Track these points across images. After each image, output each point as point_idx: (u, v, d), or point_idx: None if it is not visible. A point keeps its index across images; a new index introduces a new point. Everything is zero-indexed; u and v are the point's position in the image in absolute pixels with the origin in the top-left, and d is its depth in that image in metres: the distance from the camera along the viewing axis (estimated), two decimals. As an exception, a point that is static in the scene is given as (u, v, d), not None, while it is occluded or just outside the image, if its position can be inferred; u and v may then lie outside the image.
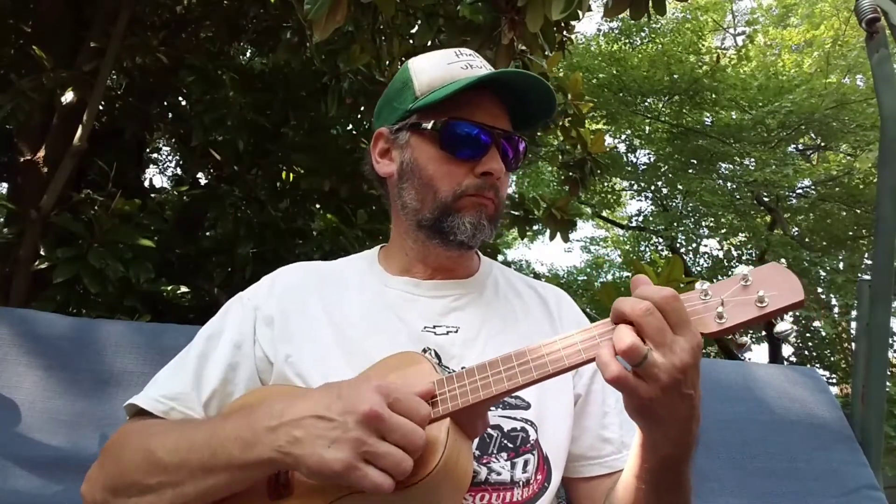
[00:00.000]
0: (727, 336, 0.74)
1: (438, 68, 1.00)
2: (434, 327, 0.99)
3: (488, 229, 1.00)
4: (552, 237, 4.05)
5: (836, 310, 11.04)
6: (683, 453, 0.78)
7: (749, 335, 0.74)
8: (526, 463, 0.91)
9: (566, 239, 4.06)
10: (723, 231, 12.10)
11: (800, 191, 11.34)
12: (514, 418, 0.94)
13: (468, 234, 0.98)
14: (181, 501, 0.80)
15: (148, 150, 5.48)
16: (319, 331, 0.98)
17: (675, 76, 11.32)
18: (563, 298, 1.15)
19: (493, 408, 0.92)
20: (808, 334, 13.11)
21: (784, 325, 0.71)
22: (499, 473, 0.89)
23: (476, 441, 0.89)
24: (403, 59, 3.14)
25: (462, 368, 0.80)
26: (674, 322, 0.69)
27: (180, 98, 4.37)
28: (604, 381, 0.71)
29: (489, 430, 0.90)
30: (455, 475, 0.77)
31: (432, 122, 0.98)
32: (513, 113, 1.03)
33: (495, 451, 0.91)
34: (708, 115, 11.79)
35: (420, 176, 1.00)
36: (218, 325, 1.02)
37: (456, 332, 0.99)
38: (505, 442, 0.92)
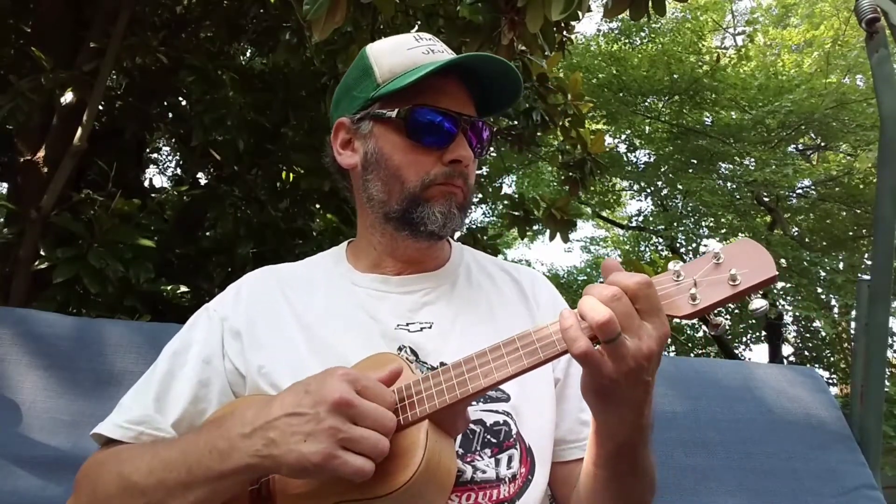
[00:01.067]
0: (703, 317, 0.73)
1: (399, 54, 0.97)
2: (407, 325, 0.97)
3: (458, 218, 0.97)
4: (552, 237, 4.05)
5: (835, 310, 11.04)
6: (638, 437, 0.78)
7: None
8: (510, 458, 0.90)
9: (566, 239, 4.06)
10: (723, 231, 12.09)
11: (800, 191, 11.34)
12: (497, 411, 0.92)
13: (438, 223, 0.95)
14: None
15: (148, 150, 5.47)
16: (290, 337, 0.96)
17: (675, 76, 11.32)
18: (538, 280, 1.13)
19: (474, 402, 0.91)
20: (807, 334, 13.13)
21: (759, 302, 0.70)
22: (484, 472, 0.88)
23: (459, 439, 0.88)
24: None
25: (440, 364, 0.79)
26: (643, 308, 0.69)
27: (180, 98, 4.37)
28: None
29: (471, 426, 0.89)
30: (438, 477, 0.76)
31: (396, 110, 0.94)
32: (478, 98, 1.00)
33: (479, 448, 0.89)
34: (708, 115, 11.78)
35: (386, 166, 0.96)
36: (184, 339, 0.98)
37: (430, 327, 0.97)
38: (488, 437, 0.90)
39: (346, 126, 1.02)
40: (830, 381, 12.34)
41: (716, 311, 0.72)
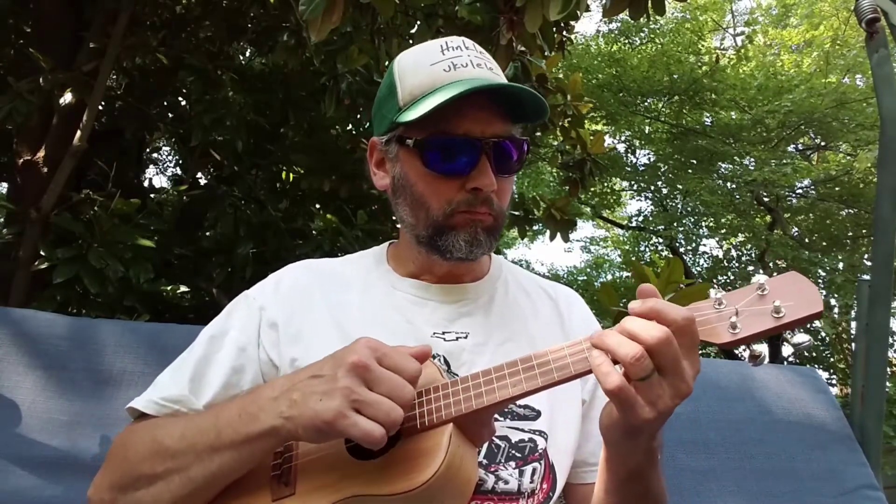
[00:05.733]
0: (740, 347, 0.72)
1: (421, 70, 0.94)
2: (443, 333, 0.97)
3: (486, 243, 0.95)
4: (552, 237, 4.06)
5: (835, 310, 11.03)
6: (650, 460, 0.79)
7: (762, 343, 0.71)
8: (534, 471, 0.91)
9: (566, 239, 4.07)
10: (723, 231, 12.11)
11: (799, 191, 11.34)
12: (522, 430, 0.92)
13: (464, 251, 0.94)
14: (189, 488, 0.81)
15: (148, 150, 5.48)
16: (326, 333, 0.96)
17: (675, 76, 11.33)
18: (574, 300, 1.13)
19: (501, 418, 0.91)
20: (807, 335, 13.10)
21: (801, 337, 0.69)
22: (506, 482, 0.89)
23: (483, 450, 0.89)
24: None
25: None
26: (684, 344, 0.68)
27: (180, 98, 4.38)
28: None
29: (497, 441, 0.90)
30: (457, 482, 0.76)
31: (414, 138, 0.93)
32: (510, 107, 0.94)
33: (503, 461, 0.90)
34: (708, 115, 11.79)
35: (411, 192, 0.96)
36: (222, 325, 0.99)
37: (465, 337, 0.97)
38: (513, 452, 0.91)
39: (377, 146, 1.02)
40: (830, 381, 12.34)
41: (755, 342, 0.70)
